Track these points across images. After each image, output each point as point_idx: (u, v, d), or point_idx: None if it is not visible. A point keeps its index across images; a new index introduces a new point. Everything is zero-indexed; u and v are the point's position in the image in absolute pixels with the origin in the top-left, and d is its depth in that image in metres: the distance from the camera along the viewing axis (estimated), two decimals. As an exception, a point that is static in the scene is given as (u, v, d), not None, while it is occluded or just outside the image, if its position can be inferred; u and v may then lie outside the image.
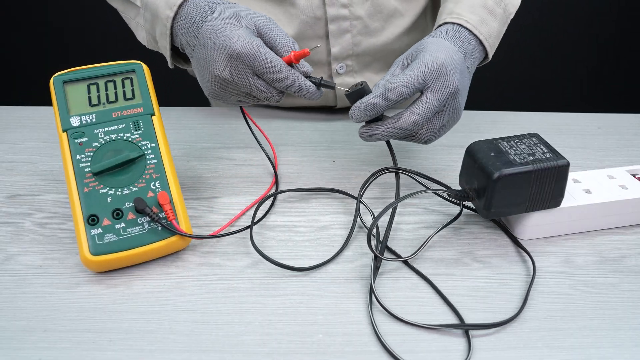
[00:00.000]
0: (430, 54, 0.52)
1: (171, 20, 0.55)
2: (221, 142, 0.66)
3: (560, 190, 0.49)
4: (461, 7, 0.59)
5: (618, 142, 0.68)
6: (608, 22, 1.72)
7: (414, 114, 0.51)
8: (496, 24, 0.61)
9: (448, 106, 0.53)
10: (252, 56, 0.49)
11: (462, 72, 0.54)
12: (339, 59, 0.71)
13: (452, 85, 0.51)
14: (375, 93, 0.51)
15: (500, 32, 0.63)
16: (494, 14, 0.61)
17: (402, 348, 0.41)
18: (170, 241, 0.47)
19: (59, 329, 0.42)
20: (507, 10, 0.63)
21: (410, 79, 0.51)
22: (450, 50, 0.53)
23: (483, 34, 0.59)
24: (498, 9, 0.61)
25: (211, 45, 0.51)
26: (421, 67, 0.51)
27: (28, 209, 0.55)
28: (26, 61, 1.75)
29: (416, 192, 0.49)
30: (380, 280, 0.47)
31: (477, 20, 0.59)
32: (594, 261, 0.50)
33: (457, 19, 0.58)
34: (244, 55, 0.49)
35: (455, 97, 0.53)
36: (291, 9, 0.67)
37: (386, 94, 0.50)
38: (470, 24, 0.58)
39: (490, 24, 0.60)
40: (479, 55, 0.59)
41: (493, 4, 0.61)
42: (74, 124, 0.49)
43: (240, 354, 0.41)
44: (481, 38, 0.58)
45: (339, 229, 0.53)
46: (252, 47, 0.49)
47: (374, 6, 0.69)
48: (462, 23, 0.58)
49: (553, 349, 0.41)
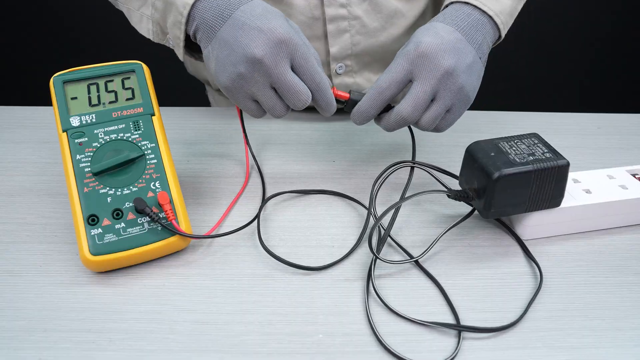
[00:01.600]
0: (414, 41, 0.51)
1: (189, 7, 0.52)
2: (221, 142, 0.66)
3: (560, 190, 0.49)
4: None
5: (618, 142, 0.68)
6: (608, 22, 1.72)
7: (405, 107, 0.51)
8: (509, 0, 0.58)
9: (445, 89, 0.51)
10: (295, 45, 0.48)
11: (457, 50, 0.51)
12: (337, 59, 0.70)
13: (441, 67, 0.50)
14: (365, 97, 0.52)
15: (515, 8, 0.59)
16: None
17: (403, 348, 0.41)
18: (170, 241, 0.47)
19: (59, 329, 0.42)
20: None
21: (392, 74, 0.51)
22: (441, 31, 0.52)
23: (493, 10, 0.55)
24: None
25: (252, 26, 0.48)
26: (403, 58, 0.51)
27: (28, 209, 0.55)
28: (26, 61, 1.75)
29: (417, 193, 0.49)
30: (381, 280, 0.47)
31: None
32: (594, 261, 0.50)
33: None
34: (289, 42, 0.48)
35: (450, 77, 0.51)
36: (288, 9, 0.67)
37: (374, 96, 0.52)
38: (479, 0, 0.55)
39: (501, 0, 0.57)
40: (492, 31, 0.56)
41: None
42: (74, 124, 0.49)
43: (240, 354, 0.41)
44: (491, 14, 0.55)
45: (339, 229, 0.53)
46: (297, 38, 0.49)
47: (373, 6, 0.69)
48: (468, 0, 0.55)
49: (553, 349, 0.41)
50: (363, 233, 0.52)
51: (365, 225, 0.53)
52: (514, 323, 0.43)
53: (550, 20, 1.70)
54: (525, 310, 0.44)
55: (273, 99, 0.51)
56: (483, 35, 0.55)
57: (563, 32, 1.72)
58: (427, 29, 0.53)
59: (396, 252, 0.50)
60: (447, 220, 0.54)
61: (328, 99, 0.52)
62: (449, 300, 0.45)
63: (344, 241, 0.52)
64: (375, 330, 0.42)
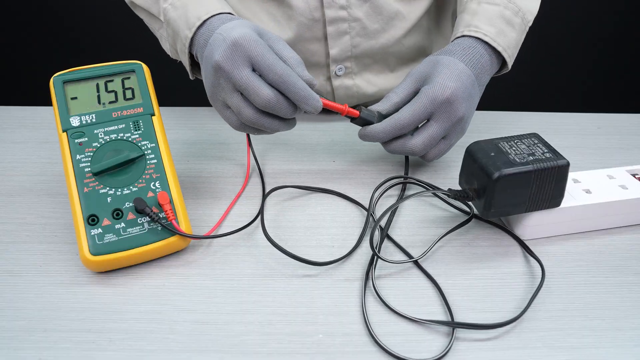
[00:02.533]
0: (441, 83, 0.54)
1: (189, 41, 0.57)
2: (221, 142, 0.66)
3: (560, 190, 0.49)
4: (479, 19, 0.60)
5: (618, 142, 0.68)
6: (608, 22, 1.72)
7: (419, 143, 0.55)
8: (515, 34, 0.62)
9: (454, 130, 0.57)
10: (250, 45, 0.49)
11: (470, 96, 0.56)
12: (337, 60, 0.70)
13: (459, 114, 0.55)
14: (383, 125, 0.55)
15: (519, 40, 0.63)
16: (512, 24, 0.61)
17: (403, 348, 0.41)
18: (170, 241, 0.47)
19: (59, 329, 0.42)
20: (525, 19, 0.63)
21: (415, 114, 0.54)
22: (463, 75, 0.55)
23: (502, 45, 0.60)
24: (516, 18, 0.62)
25: (219, 38, 0.52)
26: (429, 99, 0.54)
27: (28, 209, 0.55)
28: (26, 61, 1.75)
29: (416, 193, 0.49)
30: (381, 280, 0.47)
31: (495, 32, 0.59)
32: (594, 261, 0.50)
33: (474, 32, 0.59)
34: (242, 43, 0.50)
35: (461, 121, 0.56)
36: (289, 10, 0.67)
37: (392, 129, 0.54)
38: (489, 36, 0.59)
39: (508, 34, 0.61)
40: (494, 69, 0.61)
41: (511, 14, 0.61)
42: (74, 124, 0.49)
43: (240, 354, 0.41)
44: (499, 50, 0.59)
45: (339, 229, 0.53)
46: (254, 39, 0.50)
47: (374, 8, 0.68)
48: (479, 36, 0.59)
49: (553, 349, 0.41)
50: (363, 234, 0.52)
51: (365, 226, 0.53)
52: (511, 320, 0.43)
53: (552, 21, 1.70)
54: (525, 308, 0.44)
55: (238, 101, 0.52)
56: (487, 76, 0.61)
57: (565, 32, 1.72)
58: (450, 68, 0.55)
59: (396, 252, 0.50)
60: (447, 220, 0.54)
61: (298, 94, 0.50)
62: (445, 299, 0.45)
63: (344, 241, 0.52)
64: (370, 327, 0.42)
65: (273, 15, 0.68)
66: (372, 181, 0.60)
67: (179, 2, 0.59)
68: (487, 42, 0.59)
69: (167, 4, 0.60)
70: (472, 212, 0.53)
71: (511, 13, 0.61)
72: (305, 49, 0.70)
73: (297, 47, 0.69)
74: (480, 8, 0.61)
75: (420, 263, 0.49)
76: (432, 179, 0.60)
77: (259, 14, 0.69)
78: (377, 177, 0.61)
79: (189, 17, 0.57)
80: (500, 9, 0.61)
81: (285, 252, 0.47)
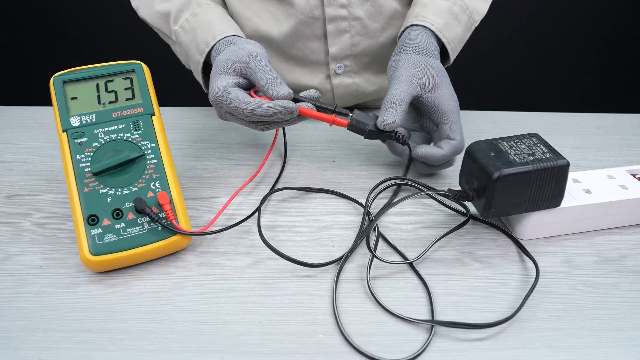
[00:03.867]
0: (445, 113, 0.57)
1: (201, 65, 0.62)
2: (221, 142, 0.67)
3: (560, 190, 0.49)
4: (427, 10, 0.63)
5: (618, 142, 0.68)
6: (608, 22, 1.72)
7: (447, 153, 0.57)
8: (460, 29, 0.65)
9: None
10: (221, 102, 0.55)
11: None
12: (337, 59, 0.71)
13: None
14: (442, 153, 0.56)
15: (464, 37, 0.67)
16: (459, 20, 0.64)
17: (402, 348, 0.41)
18: (170, 241, 0.47)
19: (59, 329, 0.42)
20: (472, 18, 0.67)
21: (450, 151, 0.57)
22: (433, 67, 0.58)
23: (446, 37, 0.62)
24: (463, 15, 0.65)
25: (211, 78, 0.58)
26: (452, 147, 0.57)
27: (28, 209, 0.55)
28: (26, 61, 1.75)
29: (415, 193, 0.49)
30: (380, 280, 0.47)
31: (442, 23, 0.62)
32: (594, 261, 0.50)
33: (422, 21, 0.62)
34: (215, 101, 0.56)
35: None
36: (289, 8, 0.68)
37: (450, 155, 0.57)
38: (435, 26, 0.62)
39: (454, 29, 0.64)
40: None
41: (459, 10, 0.65)
42: (74, 124, 0.49)
43: (240, 354, 0.41)
44: (444, 41, 0.62)
45: (339, 229, 0.53)
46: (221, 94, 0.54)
47: (374, 7, 0.69)
48: (427, 25, 0.62)
49: (553, 349, 0.41)
50: (359, 235, 0.52)
51: (361, 227, 0.53)
52: (502, 321, 0.43)
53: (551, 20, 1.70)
54: (518, 308, 0.44)
55: (237, 119, 0.57)
56: None
57: (564, 31, 1.72)
58: (431, 70, 0.58)
59: (395, 253, 0.50)
60: (446, 220, 0.54)
61: (268, 114, 0.53)
62: (431, 299, 0.45)
63: (344, 241, 0.52)
64: (341, 326, 0.42)
65: (272, 13, 0.68)
66: (373, 181, 0.60)
67: (188, 25, 0.63)
68: (432, 32, 0.62)
69: (177, 27, 0.64)
70: (469, 213, 0.53)
71: (459, 9, 0.64)
72: (304, 46, 0.70)
73: (296, 44, 0.70)
74: (430, 1, 0.64)
75: (415, 265, 0.49)
76: (432, 179, 0.60)
77: (258, 12, 0.69)
78: (378, 176, 0.61)
79: (198, 42, 0.62)
80: (449, 4, 0.64)
81: (279, 253, 0.48)
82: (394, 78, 0.58)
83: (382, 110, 0.56)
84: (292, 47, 0.70)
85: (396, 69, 0.58)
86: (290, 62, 0.72)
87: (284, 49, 0.70)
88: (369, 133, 0.56)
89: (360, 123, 0.56)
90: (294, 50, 0.70)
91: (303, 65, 0.72)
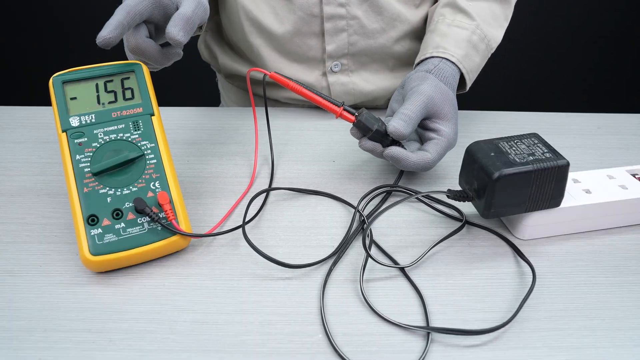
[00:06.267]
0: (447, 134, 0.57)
1: None
2: (221, 142, 0.66)
3: (560, 190, 0.49)
4: (447, 41, 0.63)
5: (618, 142, 0.68)
6: (608, 22, 1.72)
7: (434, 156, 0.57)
8: (478, 59, 0.66)
9: None
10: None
11: (454, 106, 0.59)
12: (333, 57, 0.71)
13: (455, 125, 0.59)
14: (415, 158, 0.55)
15: (481, 66, 0.67)
16: (477, 49, 0.65)
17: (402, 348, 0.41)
18: (170, 241, 0.47)
19: (59, 329, 0.42)
20: (489, 46, 0.67)
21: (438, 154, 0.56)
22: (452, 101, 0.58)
23: (466, 67, 0.64)
24: (481, 44, 0.65)
25: None
26: (443, 142, 0.56)
27: (28, 209, 0.55)
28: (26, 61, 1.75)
29: (414, 194, 0.49)
30: (378, 282, 0.47)
31: (461, 54, 0.63)
32: (594, 261, 0.50)
33: (442, 53, 0.62)
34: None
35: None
36: (289, 4, 0.69)
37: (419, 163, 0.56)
38: (456, 57, 0.62)
39: (473, 58, 0.64)
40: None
41: (477, 40, 0.65)
42: (74, 124, 0.49)
43: (240, 354, 0.41)
44: (464, 72, 0.63)
45: (339, 229, 0.53)
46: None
47: (372, 7, 0.69)
48: (447, 57, 0.62)
49: (553, 349, 0.41)
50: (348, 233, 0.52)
51: (355, 227, 0.53)
52: (497, 327, 0.43)
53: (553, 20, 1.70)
54: (515, 314, 0.43)
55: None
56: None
57: (566, 31, 1.72)
58: (449, 103, 0.58)
59: (395, 254, 0.50)
60: (445, 221, 0.54)
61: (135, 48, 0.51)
62: (425, 307, 0.44)
63: (339, 244, 0.51)
64: (327, 327, 0.42)
65: (274, 7, 0.70)
66: (373, 181, 0.60)
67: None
68: (453, 63, 0.62)
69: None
70: (464, 218, 0.53)
71: (478, 38, 0.65)
72: (302, 43, 0.71)
73: (295, 40, 0.71)
74: (449, 30, 0.65)
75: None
76: (430, 181, 0.60)
77: (260, 5, 0.70)
78: (377, 177, 0.61)
79: None
80: (469, 33, 0.65)
81: (263, 254, 0.47)
82: (415, 92, 0.57)
83: (395, 118, 0.54)
84: (291, 43, 0.71)
85: (420, 85, 0.57)
86: (289, 57, 0.73)
87: (282, 44, 0.71)
88: (374, 133, 0.55)
89: (368, 121, 0.55)
90: (292, 46, 0.71)
91: (300, 61, 0.73)
